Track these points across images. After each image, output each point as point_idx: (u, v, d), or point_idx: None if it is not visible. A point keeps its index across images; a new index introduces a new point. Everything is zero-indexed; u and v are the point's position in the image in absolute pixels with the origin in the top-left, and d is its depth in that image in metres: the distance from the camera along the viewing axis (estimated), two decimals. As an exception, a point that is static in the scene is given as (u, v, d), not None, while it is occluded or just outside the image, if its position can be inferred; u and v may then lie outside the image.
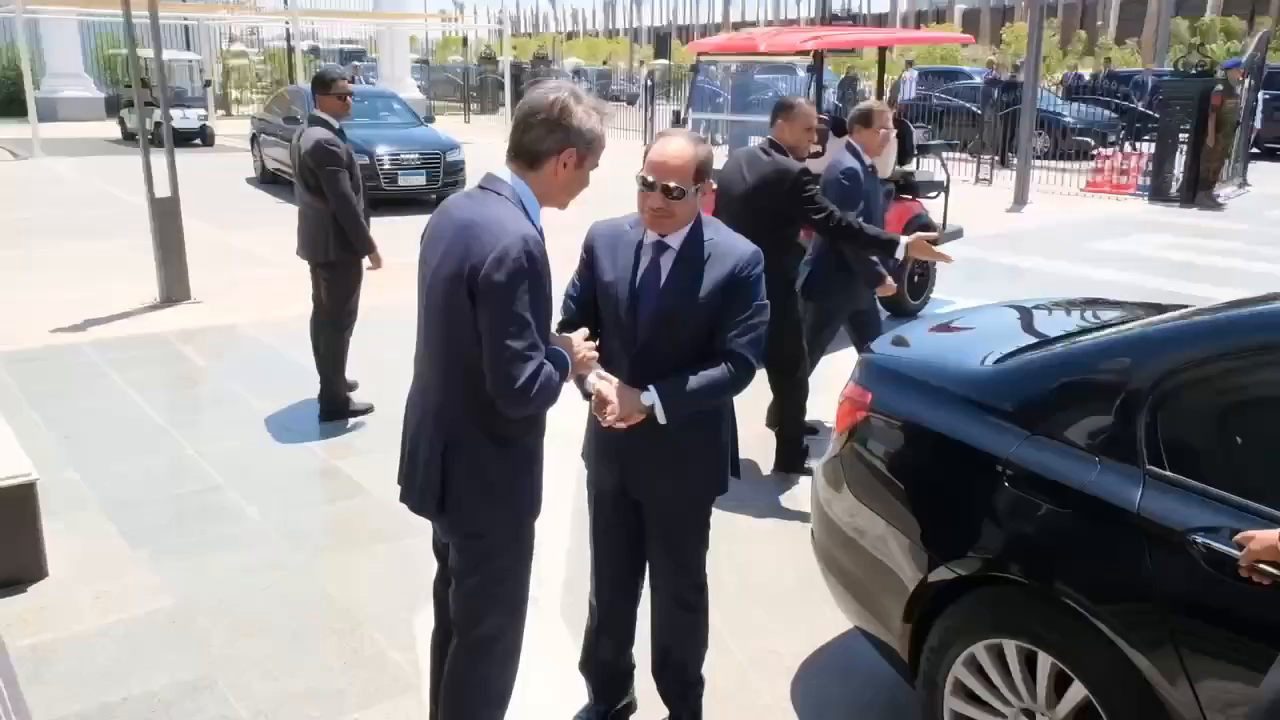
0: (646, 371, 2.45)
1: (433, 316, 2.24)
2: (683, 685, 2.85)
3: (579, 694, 2.96)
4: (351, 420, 5.37)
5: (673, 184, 2.39)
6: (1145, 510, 2.10)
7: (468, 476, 2.23)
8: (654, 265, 2.49)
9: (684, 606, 2.76)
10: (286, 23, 27.47)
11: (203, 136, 19.83)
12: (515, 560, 2.35)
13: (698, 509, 2.69)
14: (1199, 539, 1.98)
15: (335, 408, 5.38)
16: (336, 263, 5.19)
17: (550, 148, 2.14)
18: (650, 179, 2.41)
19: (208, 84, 24.56)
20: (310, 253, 5.26)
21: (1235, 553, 1.84)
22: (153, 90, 15.32)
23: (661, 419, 2.43)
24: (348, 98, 5.17)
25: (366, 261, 5.27)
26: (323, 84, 5.17)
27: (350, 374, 5.80)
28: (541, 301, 2.11)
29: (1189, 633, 2.01)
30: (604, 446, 2.61)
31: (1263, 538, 1.76)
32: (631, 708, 2.96)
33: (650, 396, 2.42)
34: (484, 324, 2.08)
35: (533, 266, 2.06)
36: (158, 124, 8.82)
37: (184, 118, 19.21)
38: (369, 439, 5.18)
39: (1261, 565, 1.78)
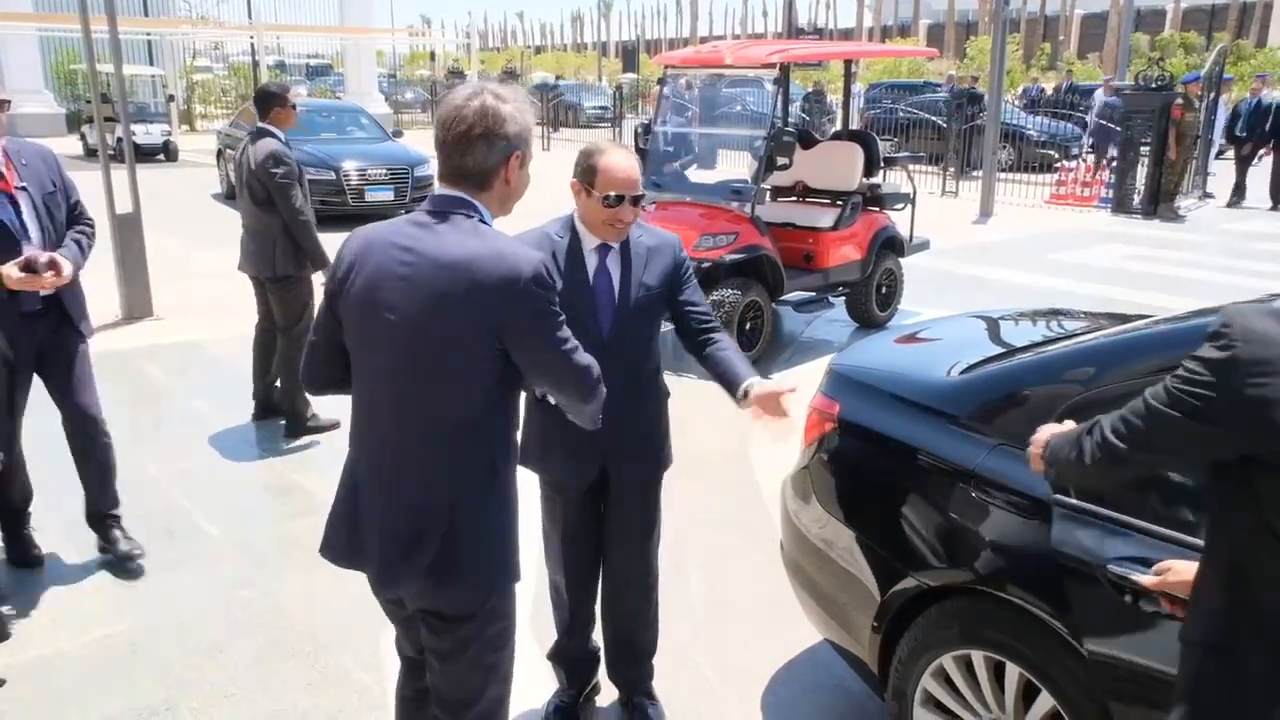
0: (614, 369, 2.44)
1: (413, 370, 1.92)
2: (641, 670, 2.99)
3: (547, 681, 3.03)
4: (308, 437, 5.30)
5: (638, 194, 2.57)
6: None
7: (477, 536, 1.97)
8: (603, 268, 2.64)
9: (645, 590, 2.90)
10: (251, 37, 27.26)
11: (166, 152, 19.60)
12: (510, 618, 2.11)
13: (659, 482, 2.87)
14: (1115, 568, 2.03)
15: (296, 424, 5.31)
16: (287, 277, 5.11)
17: (497, 161, 1.94)
18: (620, 195, 2.53)
19: (171, 99, 24.32)
20: (256, 267, 5.16)
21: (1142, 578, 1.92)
22: (114, 105, 15.19)
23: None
24: (292, 110, 5.16)
25: (318, 275, 5.17)
26: (279, 97, 5.15)
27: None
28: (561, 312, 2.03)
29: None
30: (580, 444, 2.56)
31: (1179, 571, 1.78)
32: (597, 689, 3.09)
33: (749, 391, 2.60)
34: (538, 356, 1.94)
35: (553, 281, 1.95)
36: (119, 140, 8.71)
37: (146, 133, 18.97)
38: (332, 455, 5.10)
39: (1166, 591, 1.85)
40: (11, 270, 3.33)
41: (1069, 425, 1.82)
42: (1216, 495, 1.54)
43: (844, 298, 7.73)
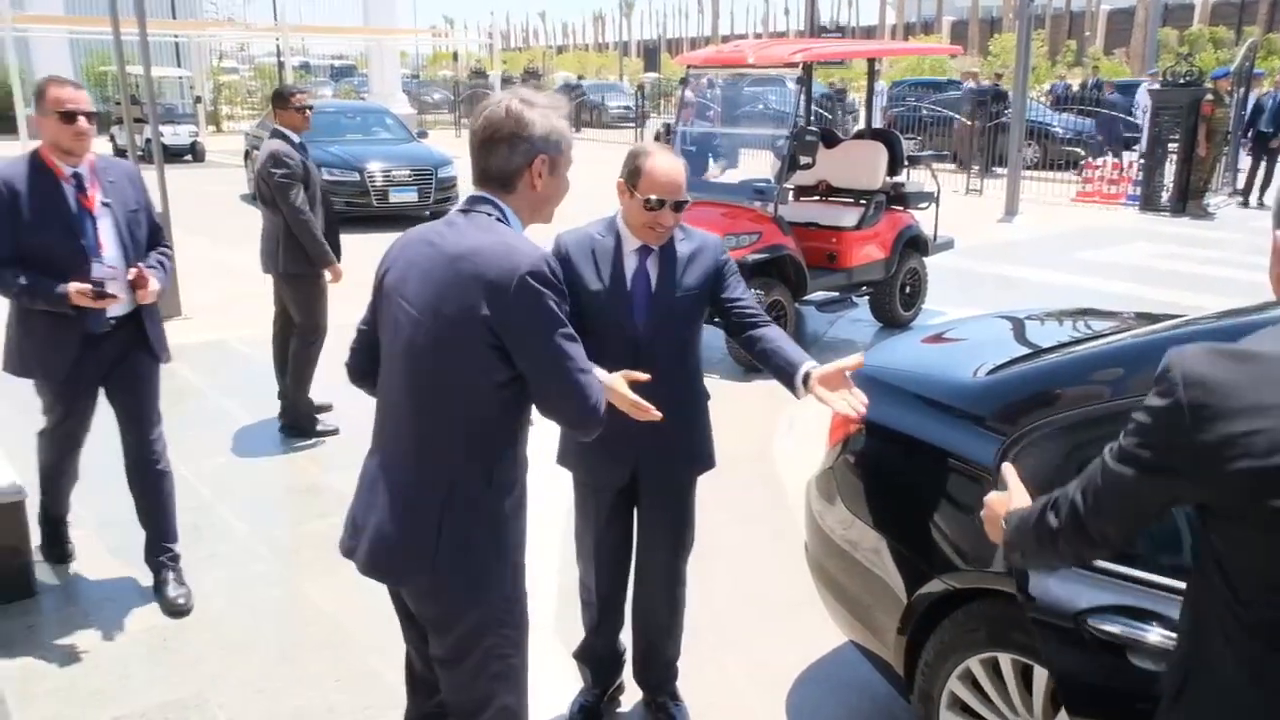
0: (650, 371, 2.45)
1: (420, 362, 1.95)
2: (667, 672, 3.00)
3: (571, 680, 3.05)
4: (310, 440, 5.33)
5: (681, 199, 2.56)
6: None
7: (470, 530, 1.96)
8: (642, 270, 2.64)
9: (672, 597, 2.90)
10: (277, 39, 27.49)
11: (193, 153, 19.83)
12: (518, 626, 2.08)
13: (694, 486, 2.84)
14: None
15: (298, 423, 5.36)
16: (293, 276, 5.17)
17: (520, 164, 1.95)
18: (661, 199, 2.53)
19: (198, 100, 24.58)
20: (265, 265, 5.26)
21: None
22: (142, 107, 15.36)
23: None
24: (307, 112, 5.19)
25: (327, 275, 5.23)
26: (281, 98, 5.22)
27: (335, 388, 5.78)
28: (567, 316, 1.96)
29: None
30: (616, 443, 2.53)
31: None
32: (622, 688, 3.10)
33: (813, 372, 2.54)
34: (530, 358, 1.89)
35: (558, 282, 1.91)
36: (148, 140, 8.81)
37: (174, 134, 19.19)
38: (356, 455, 5.14)
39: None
40: (85, 291, 3.21)
41: (1018, 494, 1.66)
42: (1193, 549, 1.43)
43: (867, 297, 7.70)
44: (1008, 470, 1.73)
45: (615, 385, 2.20)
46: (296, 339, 5.30)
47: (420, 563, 1.97)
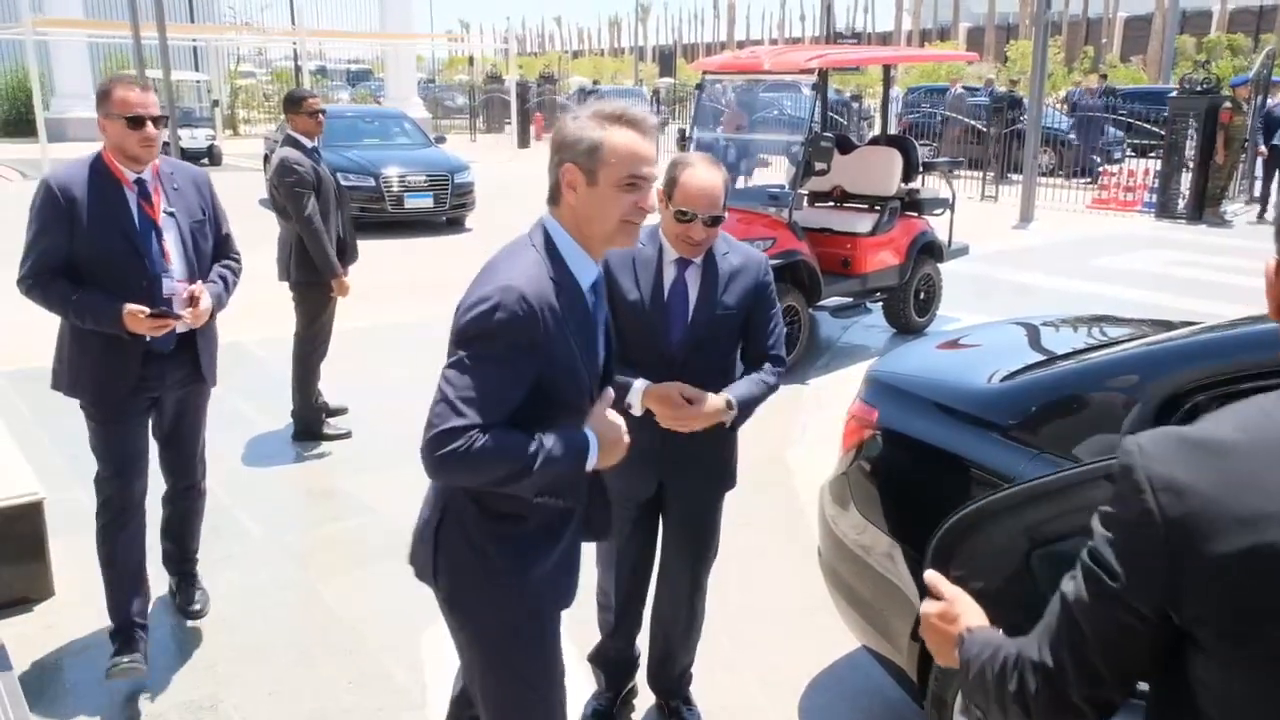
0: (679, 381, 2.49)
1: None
2: (681, 678, 3.01)
3: (584, 683, 3.05)
4: (325, 444, 5.36)
5: (716, 214, 2.50)
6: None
7: (454, 544, 1.96)
8: (680, 282, 2.59)
9: (692, 608, 2.91)
10: (294, 43, 27.70)
11: (210, 156, 19.99)
12: (509, 662, 2.01)
13: (720, 502, 2.84)
14: None
15: (304, 428, 5.38)
16: (301, 284, 5.18)
17: (555, 175, 1.89)
18: (692, 212, 2.48)
19: (215, 104, 24.79)
20: (279, 273, 5.27)
21: None
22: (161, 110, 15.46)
23: (728, 423, 2.52)
24: (320, 116, 5.19)
25: (334, 285, 5.19)
26: (293, 103, 5.19)
27: (352, 391, 5.83)
28: (508, 366, 1.77)
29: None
30: (642, 455, 2.47)
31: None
32: (635, 692, 3.11)
33: (732, 411, 2.50)
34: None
35: (503, 325, 1.74)
36: (165, 144, 8.90)
37: (192, 137, 19.38)
38: (374, 458, 5.18)
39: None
40: (139, 313, 2.93)
41: (967, 610, 1.38)
42: (1151, 699, 1.16)
43: (882, 303, 7.68)
44: (935, 579, 1.43)
45: (667, 392, 2.29)
46: (298, 346, 5.33)
47: (424, 572, 2.04)
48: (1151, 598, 1.05)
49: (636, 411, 2.46)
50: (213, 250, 3.30)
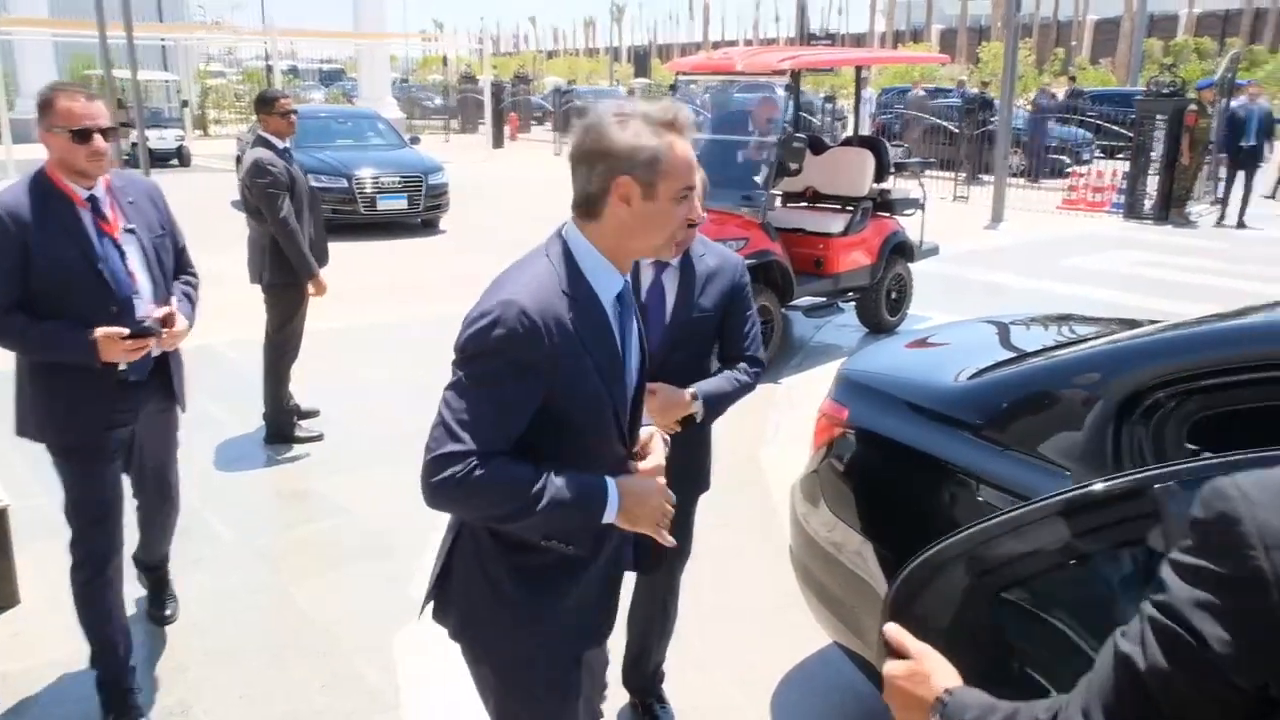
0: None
1: None
2: (654, 675, 3.03)
3: None
4: (297, 446, 5.32)
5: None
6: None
7: (467, 573, 1.85)
8: (657, 284, 2.57)
9: (666, 608, 2.92)
10: (265, 42, 27.48)
11: (180, 157, 19.77)
12: (522, 700, 1.91)
13: (694, 505, 2.84)
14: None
15: (276, 431, 5.35)
16: (274, 286, 5.15)
17: (600, 187, 1.68)
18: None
19: (185, 104, 24.54)
20: (251, 275, 5.23)
21: None
22: (129, 111, 15.34)
23: (697, 416, 2.51)
24: (291, 117, 5.14)
25: (310, 287, 5.18)
26: (265, 103, 5.14)
27: (324, 393, 5.80)
28: (508, 388, 1.64)
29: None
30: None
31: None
32: (605, 686, 3.02)
33: (697, 403, 2.49)
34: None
35: (501, 342, 1.61)
36: (134, 145, 8.81)
37: (160, 138, 19.14)
38: (347, 460, 5.16)
39: None
40: (115, 337, 2.73)
41: (937, 668, 1.22)
42: None
43: (854, 303, 7.74)
44: (896, 633, 1.28)
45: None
46: (268, 348, 5.29)
47: (435, 598, 1.93)
48: (1255, 670, 0.90)
49: None
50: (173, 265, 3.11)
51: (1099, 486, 1.51)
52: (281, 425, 5.35)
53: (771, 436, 5.53)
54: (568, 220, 1.78)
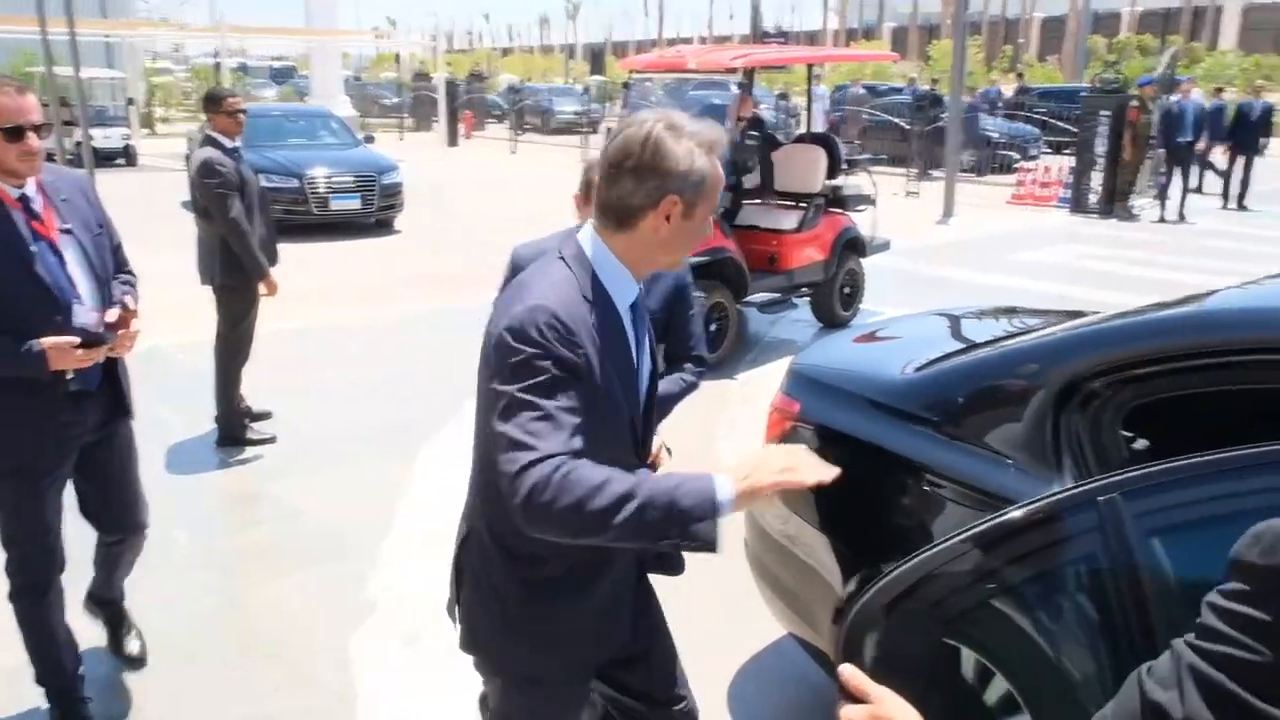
0: None
1: (478, 388, 1.77)
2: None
3: None
4: (250, 449, 5.26)
5: None
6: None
7: (473, 588, 1.85)
8: None
9: None
10: (214, 39, 27.01)
11: (126, 156, 19.37)
12: (521, 709, 1.92)
13: None
14: None
15: (227, 433, 5.29)
16: (224, 287, 5.09)
17: (644, 201, 1.66)
18: None
19: (130, 102, 24.04)
20: (201, 276, 5.16)
21: None
22: (72, 109, 15.00)
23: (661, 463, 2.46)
24: (240, 116, 5.06)
25: (262, 288, 5.12)
26: (213, 102, 5.06)
27: (276, 395, 5.74)
28: (563, 389, 1.58)
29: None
30: None
31: None
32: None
33: (667, 454, 2.45)
34: (486, 405, 1.66)
35: (543, 347, 1.57)
36: (78, 144, 8.63)
37: (105, 137, 18.75)
38: (300, 462, 5.12)
39: None
40: (66, 345, 2.55)
41: (895, 710, 1.12)
42: None
43: (808, 298, 7.83)
44: (854, 677, 1.17)
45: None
46: (219, 350, 5.23)
47: (449, 607, 1.96)
48: None
49: None
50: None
51: (1017, 513, 1.50)
52: (233, 428, 5.29)
53: (728, 431, 5.58)
54: (582, 224, 1.76)
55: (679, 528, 1.51)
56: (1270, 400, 2.15)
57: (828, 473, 1.59)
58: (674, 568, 2.13)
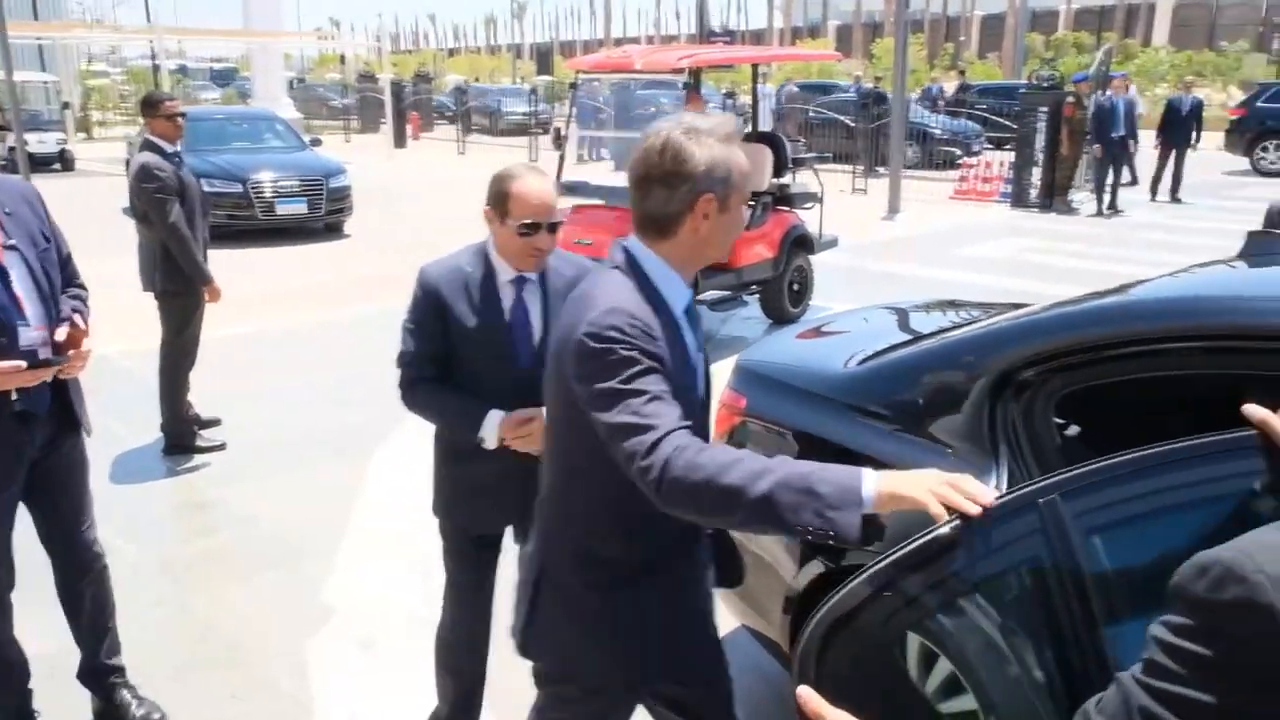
0: (532, 406, 2.40)
1: (549, 407, 1.85)
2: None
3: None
4: (199, 456, 5.20)
5: (555, 220, 2.42)
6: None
7: (550, 607, 1.88)
8: (520, 302, 2.48)
9: None
10: (150, 41, 26.44)
11: (62, 161, 18.92)
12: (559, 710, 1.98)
13: None
14: None
15: (175, 441, 5.22)
16: (166, 293, 5.02)
17: (680, 206, 1.69)
18: (536, 222, 2.36)
19: (66, 106, 23.48)
20: (144, 283, 5.10)
21: None
22: (4, 114, 14.61)
23: None
24: (179, 119, 4.97)
25: (205, 294, 5.06)
26: (150, 106, 4.98)
27: (224, 401, 5.69)
28: (657, 375, 1.63)
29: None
30: (496, 492, 2.51)
31: None
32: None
33: None
34: (591, 417, 1.66)
35: (630, 344, 1.61)
36: (11, 149, 8.43)
37: (40, 142, 18.30)
38: (249, 469, 5.07)
39: None
40: (11, 370, 2.44)
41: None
42: None
43: (757, 295, 7.93)
44: (812, 701, 1.18)
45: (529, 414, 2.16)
46: (164, 357, 5.16)
47: (517, 636, 1.94)
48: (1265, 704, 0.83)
49: (491, 444, 2.37)
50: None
51: (946, 530, 1.55)
52: (181, 435, 5.22)
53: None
54: (626, 239, 1.78)
55: (814, 514, 1.48)
56: (1192, 385, 2.26)
57: (981, 502, 1.49)
58: (729, 582, 2.19)
